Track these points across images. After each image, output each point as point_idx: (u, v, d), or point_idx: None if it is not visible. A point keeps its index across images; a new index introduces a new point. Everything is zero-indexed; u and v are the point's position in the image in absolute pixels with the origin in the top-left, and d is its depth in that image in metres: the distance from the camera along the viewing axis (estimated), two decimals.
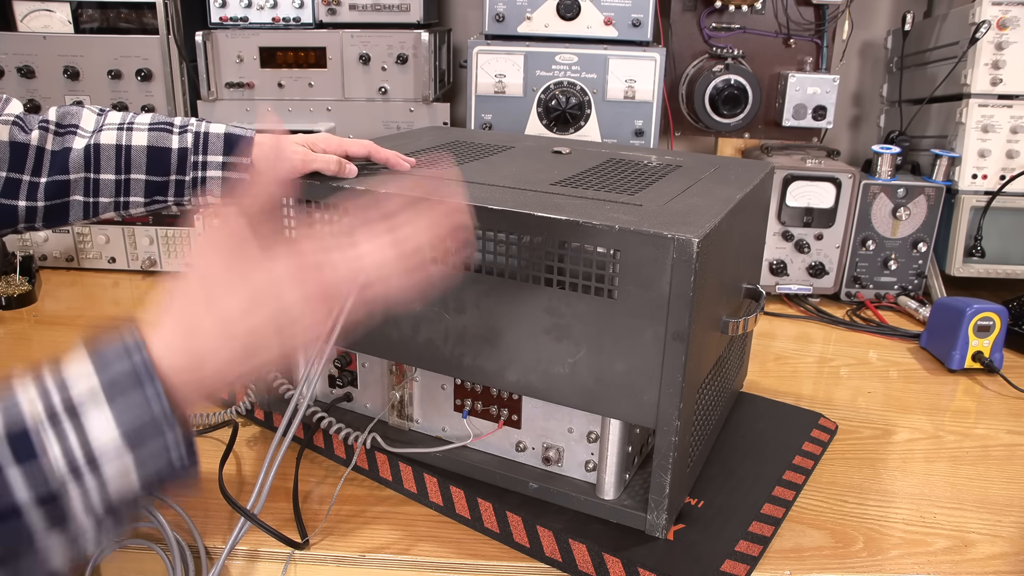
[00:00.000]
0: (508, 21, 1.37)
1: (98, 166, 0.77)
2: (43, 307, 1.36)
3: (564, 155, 1.01)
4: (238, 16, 1.43)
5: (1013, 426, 1.03)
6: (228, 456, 0.86)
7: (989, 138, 1.36)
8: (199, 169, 0.80)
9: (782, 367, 1.20)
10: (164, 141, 0.79)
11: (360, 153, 0.85)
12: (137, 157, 0.78)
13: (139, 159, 0.78)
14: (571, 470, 0.81)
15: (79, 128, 0.78)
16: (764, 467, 0.88)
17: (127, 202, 0.79)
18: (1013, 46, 1.31)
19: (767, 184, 0.99)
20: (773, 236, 1.41)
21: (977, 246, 1.39)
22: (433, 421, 0.88)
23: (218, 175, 0.80)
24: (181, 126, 0.80)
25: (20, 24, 1.44)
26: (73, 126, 0.78)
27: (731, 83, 1.43)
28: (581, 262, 0.69)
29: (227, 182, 0.80)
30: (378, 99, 1.46)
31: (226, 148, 0.80)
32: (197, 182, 0.80)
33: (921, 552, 0.78)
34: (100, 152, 0.77)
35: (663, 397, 0.69)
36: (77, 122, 0.78)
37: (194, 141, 0.79)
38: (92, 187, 0.78)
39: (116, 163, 0.78)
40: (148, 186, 0.79)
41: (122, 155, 0.77)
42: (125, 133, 0.78)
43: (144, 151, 0.78)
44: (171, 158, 0.79)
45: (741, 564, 0.72)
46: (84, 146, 0.77)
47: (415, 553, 0.76)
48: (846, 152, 1.78)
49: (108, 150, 0.77)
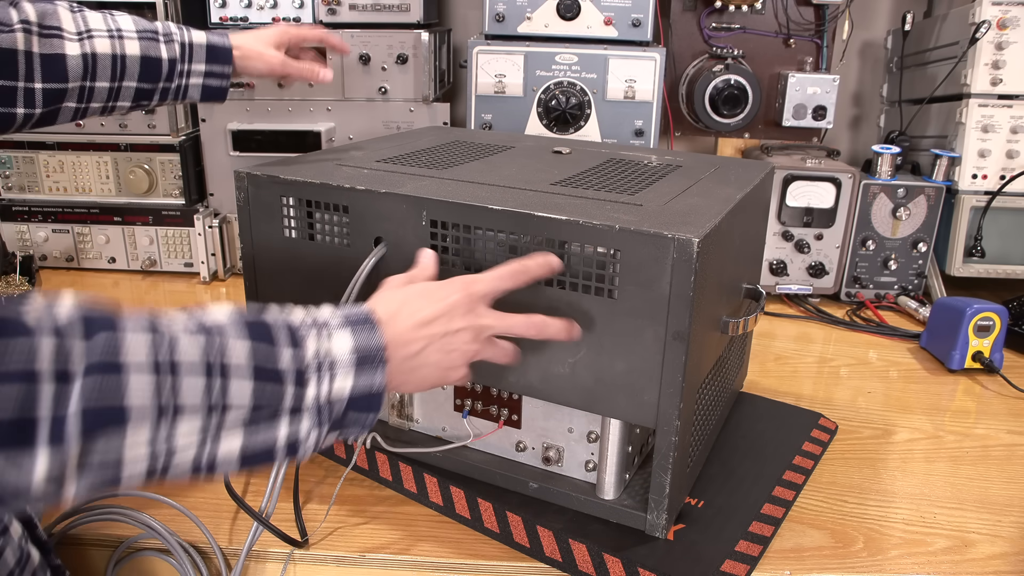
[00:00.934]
0: (508, 21, 1.37)
1: (95, 74, 0.79)
2: None
3: (564, 155, 1.01)
4: (238, 16, 1.43)
5: (1013, 426, 1.03)
6: None
7: (989, 138, 1.36)
8: (184, 77, 0.84)
9: (782, 367, 1.20)
10: (155, 51, 0.82)
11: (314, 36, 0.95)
12: (131, 66, 0.81)
13: (133, 68, 0.81)
14: (571, 470, 0.81)
15: (63, 31, 0.78)
16: (764, 467, 0.88)
17: (114, 106, 0.83)
18: (1013, 46, 1.31)
19: (767, 184, 0.99)
20: (773, 236, 1.41)
21: (977, 246, 1.39)
22: (433, 421, 0.88)
23: (199, 83, 0.86)
24: (165, 34, 0.84)
25: None
26: (56, 27, 0.77)
27: (731, 83, 1.43)
28: (581, 262, 0.69)
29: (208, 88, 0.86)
30: (378, 99, 1.46)
31: (209, 57, 0.85)
32: (180, 89, 0.85)
33: (921, 552, 0.78)
34: (97, 61, 0.79)
35: (663, 397, 0.69)
36: (59, 23, 0.78)
37: (181, 51, 0.84)
38: (87, 94, 0.80)
39: (111, 72, 0.80)
40: (137, 92, 0.83)
41: (117, 64, 0.80)
42: (118, 42, 0.80)
43: (138, 60, 0.81)
44: (162, 67, 0.83)
45: (741, 564, 0.72)
46: (80, 54, 0.78)
47: (415, 553, 0.76)
48: (846, 152, 1.78)
49: (104, 59, 0.79)
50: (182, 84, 0.85)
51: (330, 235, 0.82)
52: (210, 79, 0.86)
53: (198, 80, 0.86)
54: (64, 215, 1.49)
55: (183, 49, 0.84)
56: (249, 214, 0.86)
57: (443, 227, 0.75)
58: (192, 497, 0.83)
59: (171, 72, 0.84)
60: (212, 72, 0.86)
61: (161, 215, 1.48)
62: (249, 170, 0.84)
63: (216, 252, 1.49)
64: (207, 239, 1.48)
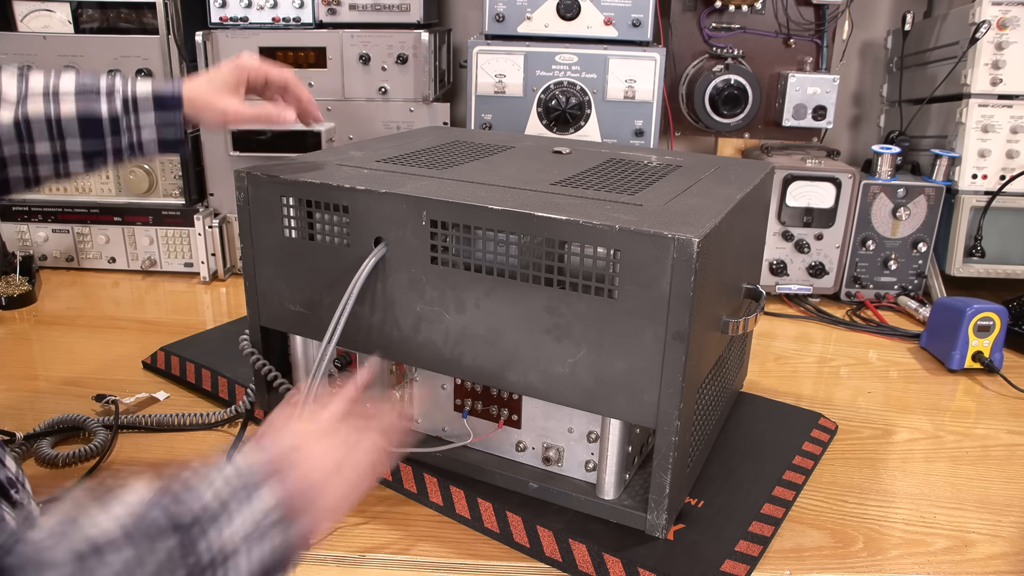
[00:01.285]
0: (508, 21, 1.37)
1: (31, 138, 0.77)
2: (43, 307, 1.36)
3: (564, 155, 1.01)
4: (238, 16, 1.43)
5: (1013, 426, 1.03)
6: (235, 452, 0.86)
7: (989, 138, 1.36)
8: (133, 132, 0.80)
9: (782, 367, 1.20)
10: (93, 108, 0.79)
11: (278, 81, 0.87)
12: (68, 126, 0.78)
13: (71, 128, 0.78)
14: (571, 470, 0.81)
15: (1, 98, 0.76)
16: (764, 467, 0.88)
17: (67, 168, 0.80)
18: (1013, 46, 1.31)
19: (767, 184, 0.99)
20: (773, 236, 1.41)
21: (977, 246, 1.39)
22: (433, 421, 0.88)
23: (153, 136, 0.81)
24: (108, 89, 0.80)
25: (20, 24, 1.44)
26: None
27: (731, 83, 1.43)
28: (581, 262, 0.69)
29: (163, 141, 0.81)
30: (378, 99, 1.46)
31: (156, 107, 0.81)
32: (133, 144, 0.81)
33: (921, 552, 0.78)
34: (31, 125, 0.77)
35: (663, 397, 0.69)
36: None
37: (123, 107, 0.80)
38: (30, 160, 0.78)
39: (48, 134, 0.78)
40: (85, 153, 0.80)
41: (52, 126, 0.77)
42: (52, 104, 0.78)
43: (75, 121, 0.78)
44: (103, 125, 0.79)
45: (741, 564, 0.72)
46: (12, 120, 0.76)
47: (415, 553, 0.76)
48: (846, 152, 1.78)
49: (38, 123, 0.77)
50: (133, 139, 0.80)
51: (330, 235, 0.82)
52: (163, 130, 0.81)
53: (151, 134, 0.81)
54: (64, 215, 1.49)
55: (126, 103, 0.79)
56: (249, 214, 0.86)
57: (443, 227, 0.75)
58: None
59: (115, 128, 0.79)
60: (163, 122, 0.81)
61: (161, 215, 1.48)
62: (249, 170, 0.84)
63: (216, 252, 1.49)
64: (207, 239, 1.48)
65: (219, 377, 1.03)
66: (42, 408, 1.00)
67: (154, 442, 0.94)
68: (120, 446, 0.92)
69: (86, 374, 1.10)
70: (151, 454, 0.91)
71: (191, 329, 1.22)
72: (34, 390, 1.06)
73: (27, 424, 0.94)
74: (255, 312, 0.90)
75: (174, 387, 1.07)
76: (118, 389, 1.03)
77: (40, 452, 0.88)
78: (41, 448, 0.89)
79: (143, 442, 0.94)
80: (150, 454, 0.91)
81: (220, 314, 1.35)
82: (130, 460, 0.90)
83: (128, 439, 0.94)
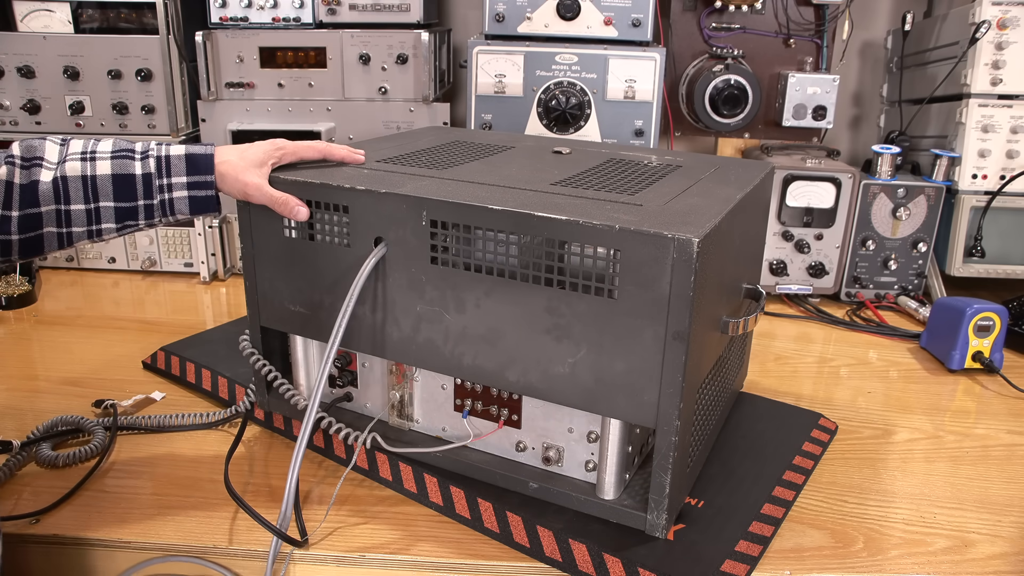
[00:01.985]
0: (508, 21, 1.37)
1: (67, 197, 0.80)
2: (43, 307, 1.36)
3: (564, 155, 1.01)
4: (238, 16, 1.43)
5: (1013, 426, 1.03)
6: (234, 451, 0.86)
7: (989, 138, 1.36)
8: (165, 192, 0.83)
9: (782, 367, 1.20)
10: (127, 168, 0.82)
11: (315, 157, 0.89)
12: (103, 185, 0.81)
13: (105, 187, 0.81)
14: (571, 470, 0.81)
15: (44, 160, 0.80)
16: (764, 467, 0.88)
17: (99, 229, 0.82)
18: (1013, 46, 1.31)
19: (767, 184, 0.99)
20: (773, 236, 1.41)
21: (977, 246, 1.39)
22: (433, 421, 0.88)
23: (184, 195, 0.83)
24: (143, 152, 0.83)
25: (20, 24, 1.44)
26: (38, 159, 0.80)
27: (731, 83, 1.43)
28: (581, 262, 0.69)
29: (194, 200, 0.83)
30: (378, 99, 1.46)
31: (189, 169, 0.83)
32: (165, 204, 0.83)
33: (921, 552, 0.78)
34: (68, 184, 0.80)
35: (663, 397, 0.69)
36: (42, 154, 0.80)
37: (156, 166, 0.82)
38: (64, 218, 0.80)
39: (84, 193, 0.81)
40: (118, 212, 0.82)
41: (88, 185, 0.80)
42: (89, 163, 0.81)
43: (109, 179, 0.81)
44: (136, 184, 0.82)
45: (741, 564, 0.72)
46: (52, 179, 0.79)
47: (415, 553, 0.76)
48: (846, 152, 1.78)
49: (75, 181, 0.80)
50: (165, 199, 0.83)
51: (330, 235, 0.82)
52: (195, 190, 0.83)
53: (183, 192, 0.83)
54: None
55: (159, 163, 0.82)
56: (249, 214, 0.87)
57: (443, 227, 0.75)
58: (192, 496, 0.83)
59: (148, 188, 0.82)
60: (196, 183, 0.83)
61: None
62: None
63: (216, 252, 1.49)
64: (207, 239, 1.48)
65: (219, 377, 1.03)
66: (42, 408, 1.00)
67: (154, 442, 0.94)
68: (120, 447, 0.93)
69: (86, 374, 1.10)
70: (151, 454, 0.91)
71: (191, 329, 1.22)
72: (34, 390, 1.06)
73: (27, 424, 0.94)
74: (255, 312, 0.90)
75: (174, 387, 1.07)
76: (118, 389, 1.03)
77: (40, 454, 0.88)
78: (41, 450, 0.89)
79: (143, 442, 0.94)
80: (150, 454, 0.91)
81: (220, 314, 1.35)
82: (130, 460, 0.90)
83: (128, 440, 0.94)
